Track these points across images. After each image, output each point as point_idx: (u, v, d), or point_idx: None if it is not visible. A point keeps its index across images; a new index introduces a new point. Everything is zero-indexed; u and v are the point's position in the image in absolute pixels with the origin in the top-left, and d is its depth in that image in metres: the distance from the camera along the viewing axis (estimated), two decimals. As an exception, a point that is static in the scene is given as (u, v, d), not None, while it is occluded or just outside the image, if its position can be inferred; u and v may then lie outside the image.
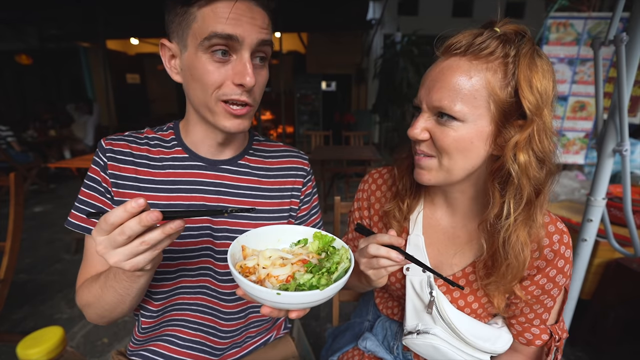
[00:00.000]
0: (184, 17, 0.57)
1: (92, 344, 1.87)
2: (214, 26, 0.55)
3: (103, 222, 0.44)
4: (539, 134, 0.54)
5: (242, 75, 0.57)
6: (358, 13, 6.96)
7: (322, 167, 3.70)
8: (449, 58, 0.56)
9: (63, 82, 8.85)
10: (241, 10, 0.56)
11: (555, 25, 2.16)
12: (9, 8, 5.79)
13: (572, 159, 2.41)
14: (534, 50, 0.53)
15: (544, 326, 0.67)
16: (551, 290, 0.63)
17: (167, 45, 0.63)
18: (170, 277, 0.70)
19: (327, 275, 0.50)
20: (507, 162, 0.55)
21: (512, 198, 0.56)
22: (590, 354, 1.76)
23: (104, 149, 0.67)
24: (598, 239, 1.45)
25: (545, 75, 0.53)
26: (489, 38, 0.53)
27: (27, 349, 0.39)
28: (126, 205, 0.43)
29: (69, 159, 5.03)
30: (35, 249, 3.03)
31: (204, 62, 0.57)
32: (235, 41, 0.56)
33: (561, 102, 2.33)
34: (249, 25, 0.57)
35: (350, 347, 0.85)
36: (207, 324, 0.74)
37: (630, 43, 1.07)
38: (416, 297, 0.71)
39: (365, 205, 0.83)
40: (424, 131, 0.59)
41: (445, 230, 0.73)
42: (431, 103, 0.57)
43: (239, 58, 0.58)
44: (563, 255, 0.61)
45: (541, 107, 0.53)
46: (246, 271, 0.52)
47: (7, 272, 1.47)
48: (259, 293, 0.44)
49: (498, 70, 0.53)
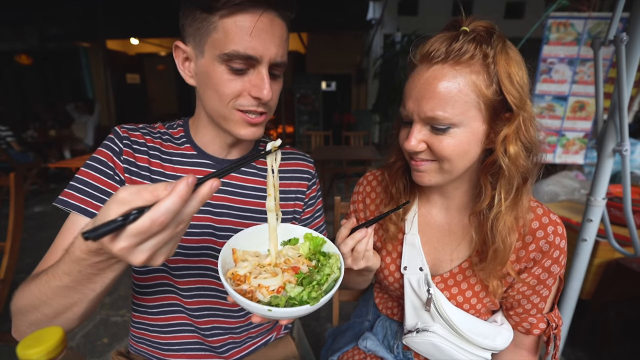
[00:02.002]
0: (203, 24, 0.56)
1: (92, 344, 1.87)
2: (235, 43, 0.55)
3: (148, 223, 0.33)
4: (525, 125, 0.57)
5: (259, 89, 0.58)
6: (358, 13, 6.96)
7: (322, 167, 3.70)
8: (431, 67, 0.56)
9: (63, 82, 8.84)
10: (263, 24, 0.56)
11: (556, 25, 2.16)
12: (9, 8, 5.79)
13: (571, 159, 2.41)
14: (505, 44, 0.55)
15: (541, 315, 0.68)
16: (546, 280, 0.64)
17: (181, 48, 0.62)
18: (174, 275, 0.70)
19: (317, 287, 0.50)
20: (499, 156, 0.57)
21: (503, 188, 0.58)
22: (590, 354, 1.75)
23: (120, 136, 0.67)
24: (598, 239, 1.45)
25: (520, 67, 0.56)
26: (465, 42, 0.53)
27: (27, 349, 0.39)
28: (177, 192, 0.33)
29: (68, 159, 5.04)
30: (35, 249, 3.03)
31: (221, 72, 0.57)
32: (254, 60, 0.57)
33: (561, 102, 2.32)
34: (269, 43, 0.57)
35: (350, 346, 0.85)
36: (207, 325, 0.74)
37: (630, 43, 1.07)
38: (414, 296, 0.72)
39: (361, 207, 0.84)
40: (421, 142, 0.59)
41: (441, 227, 0.73)
42: (424, 114, 0.56)
43: (257, 72, 0.59)
44: (558, 246, 0.63)
45: (524, 98, 0.56)
46: (237, 279, 0.51)
47: (7, 272, 1.47)
48: (249, 307, 0.44)
49: (481, 71, 0.54)
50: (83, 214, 0.61)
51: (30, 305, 0.50)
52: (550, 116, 2.36)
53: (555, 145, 2.41)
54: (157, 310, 0.73)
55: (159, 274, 0.71)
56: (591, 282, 1.69)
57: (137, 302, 0.75)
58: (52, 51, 8.09)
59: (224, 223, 0.71)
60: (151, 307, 0.73)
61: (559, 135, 2.39)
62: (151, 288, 0.72)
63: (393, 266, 0.77)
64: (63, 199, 0.61)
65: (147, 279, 0.72)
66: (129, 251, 0.34)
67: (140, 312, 0.75)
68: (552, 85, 2.30)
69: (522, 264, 0.65)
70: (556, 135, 2.39)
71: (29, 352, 0.39)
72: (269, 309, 0.43)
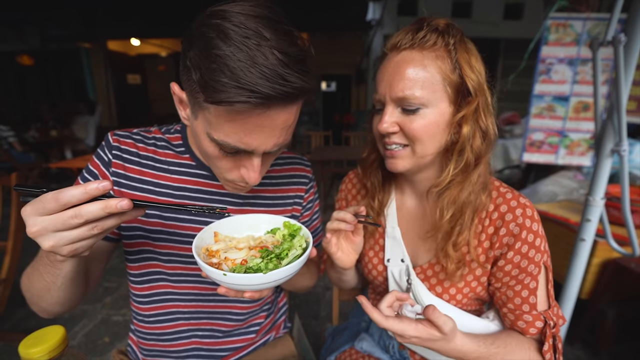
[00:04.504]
0: (198, 95, 0.47)
1: (94, 343, 1.88)
2: (226, 135, 0.48)
3: (51, 201, 0.39)
4: (483, 110, 0.61)
5: (247, 173, 0.55)
6: (358, 13, 6.96)
7: (322, 167, 3.70)
8: (399, 52, 0.60)
9: (64, 83, 8.86)
10: (263, 120, 0.47)
11: (555, 26, 2.16)
12: (10, 9, 5.80)
13: (577, 161, 2.34)
14: (463, 36, 0.61)
15: (536, 312, 0.64)
16: (527, 267, 0.62)
17: (177, 93, 0.55)
18: (171, 280, 0.70)
19: (275, 260, 0.53)
20: (452, 133, 0.62)
21: (453, 162, 0.62)
22: (589, 354, 1.76)
23: (110, 145, 0.66)
24: (597, 238, 1.46)
25: (478, 59, 0.61)
26: (428, 32, 0.59)
27: (29, 348, 0.40)
28: (87, 185, 0.39)
29: (70, 159, 5.05)
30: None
31: (212, 148, 0.53)
32: (247, 151, 0.52)
33: (562, 103, 2.30)
34: (266, 137, 0.50)
35: (347, 346, 0.86)
36: (206, 327, 0.75)
37: (629, 44, 1.07)
38: (396, 287, 0.74)
39: (344, 204, 0.87)
40: (393, 124, 0.62)
41: (417, 217, 0.75)
42: (395, 95, 0.60)
43: (249, 158, 0.54)
44: (530, 229, 0.61)
45: (482, 83, 0.61)
46: (211, 254, 0.55)
47: (9, 272, 1.48)
48: (209, 272, 0.48)
49: (445, 57, 0.59)
50: None
51: (25, 283, 0.59)
52: (551, 117, 2.33)
53: (558, 146, 2.38)
54: (156, 319, 0.74)
55: (158, 283, 0.71)
56: (590, 281, 1.70)
57: (137, 310, 0.76)
58: (54, 52, 8.10)
59: None
60: (149, 317, 0.74)
61: (561, 136, 2.37)
62: (150, 297, 0.72)
63: (376, 259, 0.78)
64: None
65: (145, 289, 0.72)
66: (41, 235, 0.40)
67: (138, 320, 0.76)
68: (551, 86, 2.29)
69: (495, 250, 0.65)
70: (558, 136, 2.36)
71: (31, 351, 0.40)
72: (224, 273, 0.47)
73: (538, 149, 2.34)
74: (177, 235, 0.68)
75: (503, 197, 0.65)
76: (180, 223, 0.68)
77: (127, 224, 0.67)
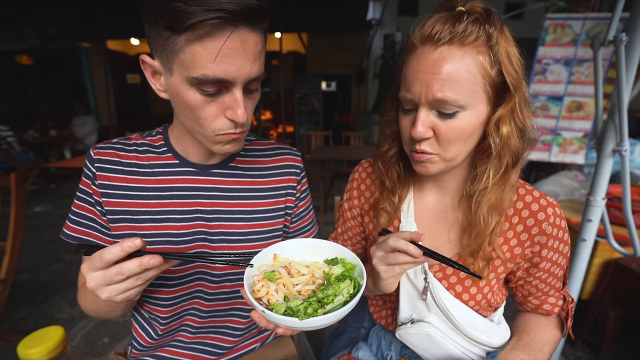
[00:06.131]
0: (169, 42, 0.50)
1: (93, 344, 1.87)
2: (204, 67, 0.50)
3: (98, 259, 0.45)
4: (520, 106, 0.57)
5: (233, 111, 0.55)
6: (358, 13, 6.96)
7: (322, 167, 3.70)
8: (437, 48, 0.53)
9: (64, 83, 8.86)
10: (234, 43, 0.50)
11: (553, 27, 2.16)
12: (9, 8, 5.79)
13: (570, 159, 2.41)
14: (503, 24, 0.55)
15: (558, 293, 0.70)
16: (558, 260, 0.66)
17: (148, 63, 0.57)
18: (172, 284, 0.70)
19: (316, 304, 0.49)
20: (491, 135, 0.58)
21: (492, 166, 0.60)
22: (589, 354, 1.76)
23: (92, 159, 0.67)
24: (598, 239, 1.45)
25: (515, 48, 0.56)
26: (468, 23, 0.52)
27: (28, 349, 0.39)
28: (122, 244, 0.45)
29: (69, 159, 5.04)
30: (36, 249, 3.04)
31: (193, 95, 0.53)
32: (227, 82, 0.52)
33: (556, 102, 2.34)
34: (242, 62, 0.52)
35: (345, 351, 0.84)
36: (206, 326, 0.75)
37: (630, 43, 1.07)
38: (410, 285, 0.71)
39: (355, 194, 0.83)
40: (428, 130, 0.57)
41: (437, 214, 0.73)
42: (432, 96, 0.54)
43: (231, 94, 0.55)
44: (560, 226, 0.64)
45: (520, 78, 0.56)
46: (263, 280, 0.55)
47: (8, 272, 1.48)
48: (250, 302, 0.48)
49: (485, 52, 0.54)
50: (81, 242, 0.68)
51: (88, 306, 0.68)
52: (545, 115, 2.38)
53: (551, 144, 2.42)
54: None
55: (158, 287, 0.71)
56: (591, 282, 1.70)
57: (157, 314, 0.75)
58: (53, 51, 8.10)
59: (216, 227, 0.70)
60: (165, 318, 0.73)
61: (554, 134, 2.41)
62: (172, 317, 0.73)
63: None
64: (65, 231, 0.68)
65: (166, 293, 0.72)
66: (97, 288, 0.48)
67: (160, 323, 0.75)
68: (546, 86, 2.31)
69: (526, 248, 0.65)
70: (551, 134, 2.40)
71: (30, 351, 0.39)
72: (263, 310, 0.46)
73: (531, 147, 2.40)
74: None
75: (531, 195, 0.65)
76: None
77: None
